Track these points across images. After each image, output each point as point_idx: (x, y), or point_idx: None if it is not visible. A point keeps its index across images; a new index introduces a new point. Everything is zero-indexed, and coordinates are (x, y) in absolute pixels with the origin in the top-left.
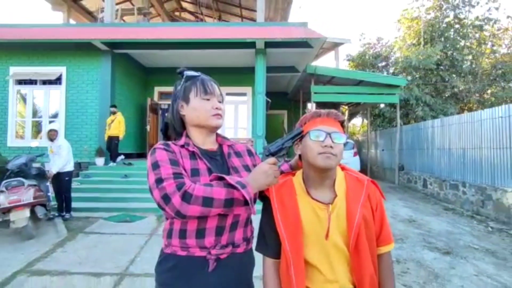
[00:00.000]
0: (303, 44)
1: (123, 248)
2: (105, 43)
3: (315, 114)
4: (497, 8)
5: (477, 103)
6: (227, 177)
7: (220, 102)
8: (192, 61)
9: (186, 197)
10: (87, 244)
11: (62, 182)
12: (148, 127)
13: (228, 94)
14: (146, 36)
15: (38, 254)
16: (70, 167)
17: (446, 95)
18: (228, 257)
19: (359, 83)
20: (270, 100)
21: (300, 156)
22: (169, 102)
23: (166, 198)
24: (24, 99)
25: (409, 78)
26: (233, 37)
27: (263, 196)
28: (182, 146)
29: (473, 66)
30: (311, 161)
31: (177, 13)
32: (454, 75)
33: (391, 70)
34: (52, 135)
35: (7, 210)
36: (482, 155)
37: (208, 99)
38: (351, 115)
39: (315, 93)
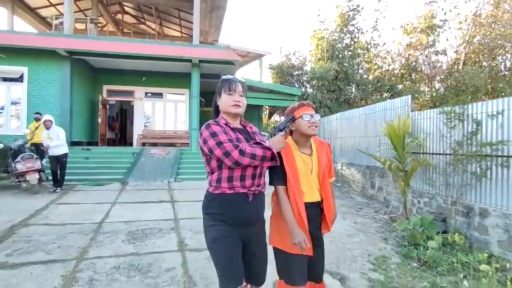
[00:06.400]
0: (227, 61)
1: (106, 195)
2: (67, 51)
3: (301, 105)
4: (379, 36)
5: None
6: (262, 143)
7: (242, 96)
8: (138, 66)
9: (242, 153)
10: (80, 195)
11: (60, 162)
12: (99, 120)
13: (169, 93)
14: (100, 47)
15: (51, 199)
16: (66, 149)
17: (341, 100)
18: (258, 193)
19: (271, 91)
20: (204, 100)
21: (291, 131)
22: (116, 98)
23: (227, 154)
24: None
25: (316, 85)
26: (173, 54)
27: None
28: (225, 124)
29: (361, 78)
30: (304, 132)
31: (119, 16)
32: (353, 84)
33: (304, 78)
34: (47, 125)
35: (22, 174)
36: (337, 142)
37: (231, 94)
38: (271, 114)
39: None
